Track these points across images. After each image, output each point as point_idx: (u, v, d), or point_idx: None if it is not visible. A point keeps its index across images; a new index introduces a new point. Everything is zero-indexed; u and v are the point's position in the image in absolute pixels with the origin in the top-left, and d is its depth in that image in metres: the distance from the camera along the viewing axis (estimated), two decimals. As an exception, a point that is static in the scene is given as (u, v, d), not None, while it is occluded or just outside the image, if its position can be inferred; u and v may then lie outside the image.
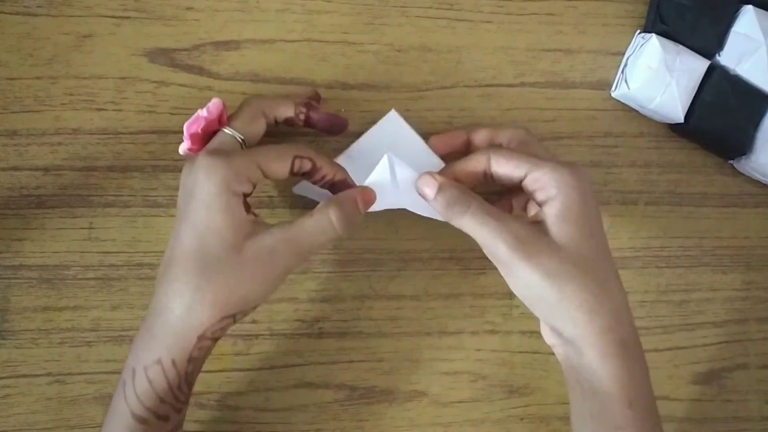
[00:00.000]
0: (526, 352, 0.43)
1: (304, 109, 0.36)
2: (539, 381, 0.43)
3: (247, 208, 0.33)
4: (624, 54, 0.44)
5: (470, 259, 0.43)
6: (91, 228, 0.39)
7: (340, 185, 0.35)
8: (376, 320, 0.42)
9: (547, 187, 0.33)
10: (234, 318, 0.32)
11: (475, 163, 0.35)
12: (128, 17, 0.40)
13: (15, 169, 0.39)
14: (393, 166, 0.36)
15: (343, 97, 0.42)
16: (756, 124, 0.44)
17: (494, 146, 0.37)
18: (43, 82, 0.39)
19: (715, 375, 0.46)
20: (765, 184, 0.46)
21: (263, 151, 0.33)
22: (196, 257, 0.31)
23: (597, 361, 0.32)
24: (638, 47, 0.43)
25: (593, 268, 0.32)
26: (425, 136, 0.41)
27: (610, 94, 0.44)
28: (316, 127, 0.37)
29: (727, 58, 0.44)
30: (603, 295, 0.32)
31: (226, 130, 0.34)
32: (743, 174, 0.46)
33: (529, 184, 0.34)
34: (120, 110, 0.40)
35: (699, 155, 0.46)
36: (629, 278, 0.45)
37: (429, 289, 0.42)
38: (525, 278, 0.32)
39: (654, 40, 0.42)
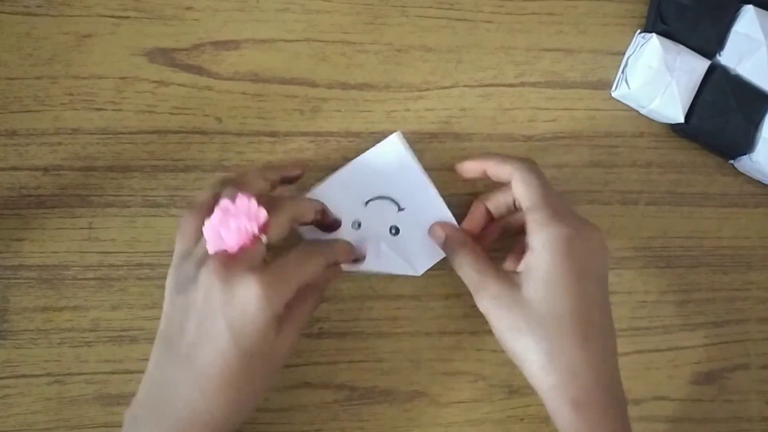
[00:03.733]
0: (526, 352, 0.43)
1: (319, 217, 0.38)
2: (539, 381, 0.43)
3: None
4: (624, 54, 0.44)
5: (470, 259, 0.43)
6: (90, 228, 0.39)
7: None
8: (376, 320, 0.42)
9: (532, 235, 0.35)
10: None
11: (502, 195, 0.39)
12: (128, 17, 0.40)
13: (15, 169, 0.39)
14: (379, 248, 0.40)
15: (343, 97, 0.42)
16: (756, 124, 0.44)
17: (520, 167, 0.37)
18: (43, 81, 0.39)
19: (715, 375, 0.46)
20: (765, 184, 0.46)
21: (305, 273, 0.34)
22: (244, 375, 0.32)
23: (552, 415, 0.35)
24: (638, 47, 0.43)
25: (552, 326, 0.34)
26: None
27: (610, 94, 0.44)
28: (320, 226, 0.39)
29: (727, 57, 0.44)
30: (556, 353, 0.33)
31: (264, 240, 0.34)
32: (743, 174, 0.46)
33: (526, 222, 0.36)
34: (119, 110, 0.40)
35: (699, 155, 0.45)
36: (630, 278, 0.45)
37: (429, 289, 0.42)
38: (495, 328, 0.36)
39: (654, 39, 0.42)
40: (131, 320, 0.39)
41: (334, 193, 0.39)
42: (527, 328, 0.34)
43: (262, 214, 0.32)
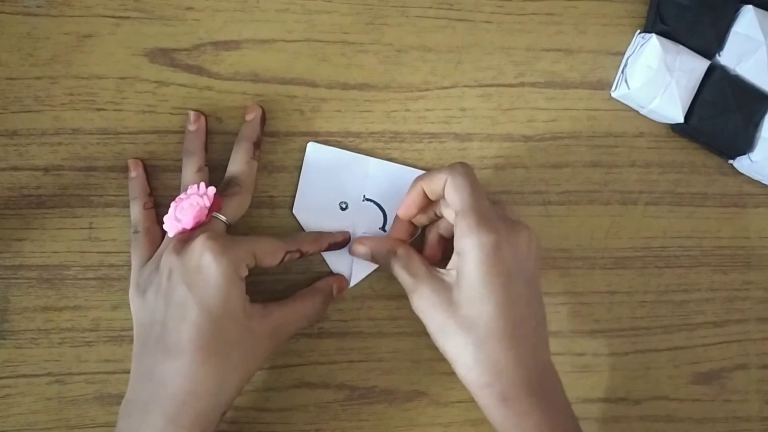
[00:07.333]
0: (526, 352, 0.43)
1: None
2: (539, 381, 0.43)
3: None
4: (624, 54, 0.44)
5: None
6: (91, 228, 0.40)
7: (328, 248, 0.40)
8: (376, 320, 0.42)
9: (461, 239, 0.34)
10: None
11: (436, 183, 0.37)
12: (128, 17, 0.40)
13: (15, 169, 0.39)
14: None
15: (343, 97, 0.42)
16: (756, 124, 0.44)
17: (452, 172, 0.36)
18: (43, 82, 0.39)
19: (715, 375, 0.46)
20: (765, 184, 0.46)
21: (259, 244, 0.36)
22: (216, 342, 0.33)
23: (483, 409, 0.35)
24: (638, 47, 0.43)
25: (479, 328, 0.34)
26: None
27: (610, 94, 0.44)
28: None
29: (727, 58, 0.44)
30: (483, 354, 0.34)
31: (220, 217, 0.36)
32: (743, 174, 0.46)
33: (455, 225, 0.35)
34: (120, 110, 0.40)
35: (699, 155, 0.46)
36: (629, 278, 0.45)
37: (429, 289, 0.42)
38: (427, 328, 0.36)
39: (654, 40, 0.42)
40: (131, 320, 0.39)
41: (309, 206, 0.41)
42: (455, 330, 0.34)
43: (211, 190, 0.35)
